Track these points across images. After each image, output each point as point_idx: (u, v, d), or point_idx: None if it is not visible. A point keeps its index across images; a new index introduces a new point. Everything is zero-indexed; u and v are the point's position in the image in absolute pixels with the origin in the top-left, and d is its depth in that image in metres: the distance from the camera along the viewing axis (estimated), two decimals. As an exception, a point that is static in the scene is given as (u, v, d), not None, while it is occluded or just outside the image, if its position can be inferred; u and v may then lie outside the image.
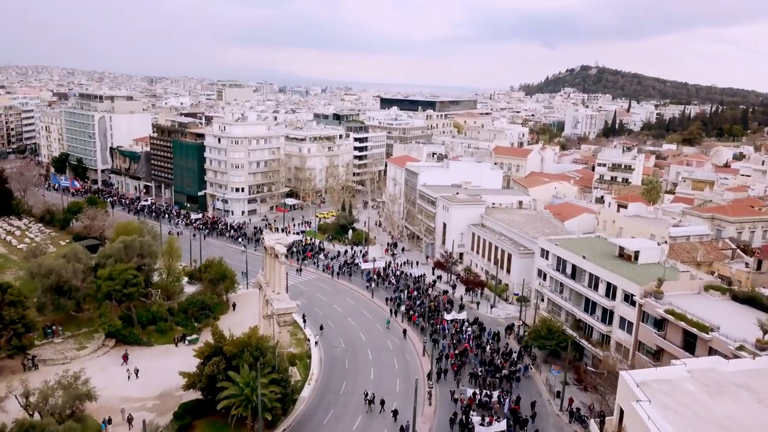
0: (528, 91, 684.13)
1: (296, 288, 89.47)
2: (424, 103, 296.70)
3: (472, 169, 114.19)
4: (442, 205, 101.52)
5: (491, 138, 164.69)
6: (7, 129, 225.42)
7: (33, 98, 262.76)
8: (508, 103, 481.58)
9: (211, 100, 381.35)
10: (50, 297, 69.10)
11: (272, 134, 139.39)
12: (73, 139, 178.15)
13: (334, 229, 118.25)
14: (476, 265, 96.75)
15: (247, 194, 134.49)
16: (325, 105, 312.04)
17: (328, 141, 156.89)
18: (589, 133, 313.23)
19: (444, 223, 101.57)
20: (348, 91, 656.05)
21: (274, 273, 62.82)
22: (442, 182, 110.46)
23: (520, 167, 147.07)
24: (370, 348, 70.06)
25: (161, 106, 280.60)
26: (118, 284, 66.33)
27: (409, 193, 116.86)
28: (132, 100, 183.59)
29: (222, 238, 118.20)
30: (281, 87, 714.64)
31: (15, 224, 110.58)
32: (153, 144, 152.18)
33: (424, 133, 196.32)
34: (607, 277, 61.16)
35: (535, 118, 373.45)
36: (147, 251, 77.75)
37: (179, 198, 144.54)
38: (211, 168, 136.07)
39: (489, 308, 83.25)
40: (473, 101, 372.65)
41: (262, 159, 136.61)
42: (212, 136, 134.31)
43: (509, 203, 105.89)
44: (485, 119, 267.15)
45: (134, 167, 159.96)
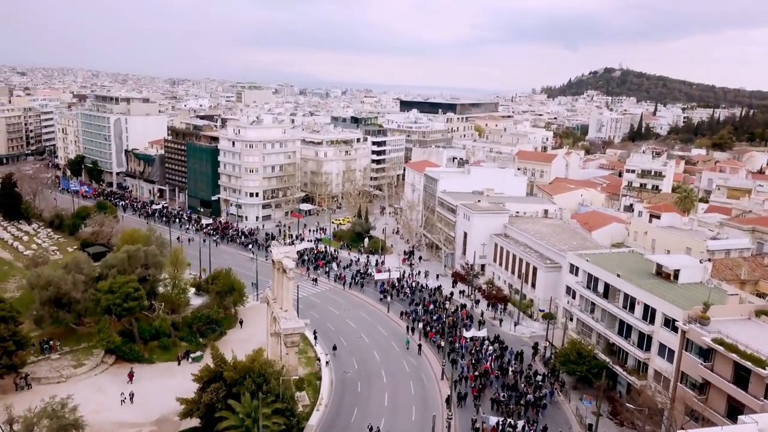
0: (550, 94, 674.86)
1: (308, 300, 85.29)
2: (445, 105, 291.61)
3: (494, 175, 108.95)
4: (463, 213, 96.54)
5: (514, 142, 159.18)
6: (26, 131, 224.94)
7: (52, 100, 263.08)
8: (529, 105, 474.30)
9: (230, 102, 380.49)
10: (48, 310, 65.65)
11: (288, 138, 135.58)
12: (89, 142, 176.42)
13: (350, 237, 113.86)
14: (498, 277, 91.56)
15: (262, 199, 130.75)
16: (343, 107, 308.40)
17: (346, 145, 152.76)
18: (614, 137, 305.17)
19: (465, 232, 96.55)
20: (368, 94, 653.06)
21: (282, 288, 58.52)
22: (462, 189, 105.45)
23: (544, 173, 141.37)
24: (384, 369, 65.36)
25: (180, 108, 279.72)
26: (118, 298, 62.56)
27: (428, 200, 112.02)
28: (148, 102, 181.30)
29: (233, 244, 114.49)
30: (302, 89, 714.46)
31: (24, 229, 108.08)
32: (167, 147, 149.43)
33: (444, 137, 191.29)
34: (644, 299, 55.70)
35: (558, 121, 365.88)
36: (152, 261, 74.03)
37: (193, 203, 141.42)
38: (224, 172, 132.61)
39: (512, 326, 78.01)
40: (495, 104, 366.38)
41: (277, 163, 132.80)
42: (226, 139, 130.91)
43: (534, 212, 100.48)
44: (507, 122, 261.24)
45: (149, 170, 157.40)
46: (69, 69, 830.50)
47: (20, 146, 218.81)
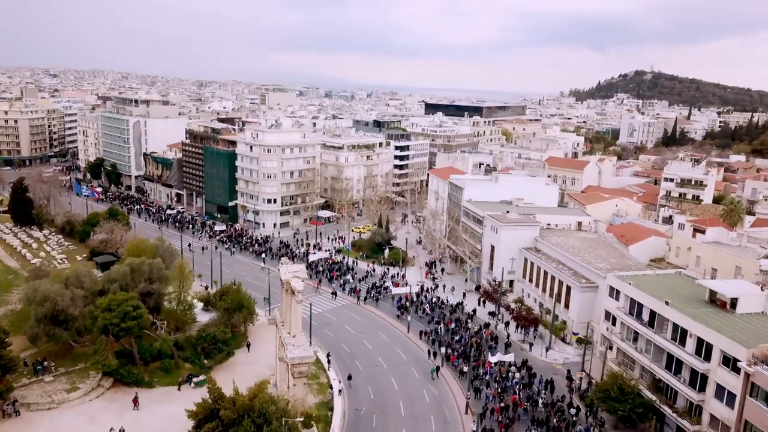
0: (578, 97, 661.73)
1: (323, 317, 79.98)
2: (471, 108, 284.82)
3: (523, 184, 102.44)
4: (490, 225, 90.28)
5: (543, 148, 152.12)
6: (49, 132, 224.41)
7: (77, 101, 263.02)
8: (557, 108, 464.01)
9: (254, 104, 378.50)
10: (44, 327, 61.30)
11: (307, 142, 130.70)
12: (108, 144, 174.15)
13: (369, 247, 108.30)
14: (528, 295, 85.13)
15: (280, 206, 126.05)
16: (367, 111, 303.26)
17: (367, 149, 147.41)
18: (647, 142, 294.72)
19: (492, 245, 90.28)
20: (393, 96, 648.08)
21: (290, 312, 53.18)
22: (489, 198, 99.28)
23: (576, 180, 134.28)
24: (403, 401, 59.54)
25: (204, 110, 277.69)
26: (116, 317, 57.88)
27: (453, 210, 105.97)
28: (168, 104, 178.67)
29: (246, 253, 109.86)
30: (327, 92, 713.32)
31: (34, 235, 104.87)
32: (185, 150, 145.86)
33: (470, 141, 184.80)
34: (698, 332, 49.00)
35: (587, 125, 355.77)
36: (156, 275, 69.45)
37: (210, 208, 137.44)
38: (242, 177, 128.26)
39: (544, 350, 71.52)
40: (522, 107, 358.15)
41: (296, 168, 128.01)
42: (244, 143, 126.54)
43: (566, 224, 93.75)
44: (535, 126, 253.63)
45: (167, 174, 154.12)
46: (100, 71, 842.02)
47: (43, 148, 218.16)
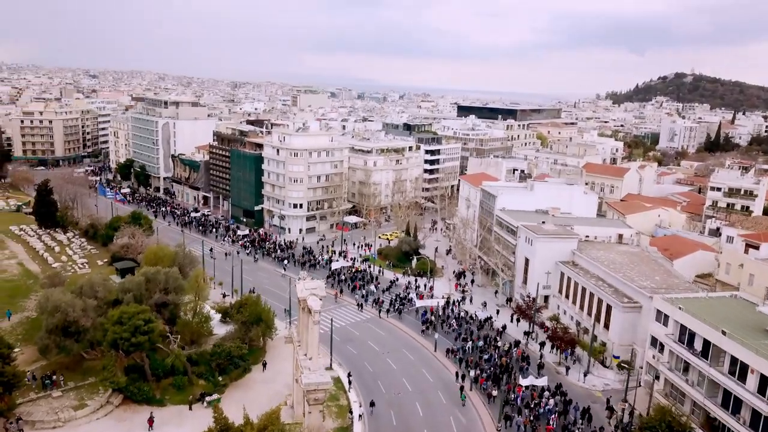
0: (615, 100, 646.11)
1: (346, 332, 76.18)
2: (504, 111, 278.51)
3: (560, 192, 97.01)
4: (525, 236, 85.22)
5: (581, 153, 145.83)
6: (83, 133, 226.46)
7: (110, 102, 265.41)
8: (594, 112, 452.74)
9: (286, 105, 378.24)
10: (55, 338, 58.82)
11: (335, 146, 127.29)
12: (138, 146, 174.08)
13: (396, 256, 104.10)
14: (564, 312, 79.86)
15: (306, 211, 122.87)
16: (398, 113, 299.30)
17: (396, 153, 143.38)
18: (688, 147, 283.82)
19: (526, 258, 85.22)
20: (425, 98, 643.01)
21: (307, 332, 49.42)
22: (524, 207, 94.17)
23: (615, 188, 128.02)
24: (428, 428, 55.20)
25: (236, 111, 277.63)
26: (126, 331, 55.00)
27: (485, 218, 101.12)
28: (197, 105, 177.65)
29: (269, 259, 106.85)
30: (360, 93, 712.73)
31: (58, 238, 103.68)
32: (212, 153, 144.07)
33: (503, 145, 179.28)
34: (763, 369, 43.52)
35: (625, 128, 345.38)
36: (173, 285, 66.50)
37: (236, 212, 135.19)
38: (268, 181, 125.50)
39: (581, 375, 66.27)
40: (557, 110, 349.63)
41: (323, 173, 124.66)
42: (271, 146, 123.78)
43: (606, 236, 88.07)
44: (570, 130, 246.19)
45: (194, 176, 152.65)
46: (138, 72, 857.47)
47: (76, 148, 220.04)
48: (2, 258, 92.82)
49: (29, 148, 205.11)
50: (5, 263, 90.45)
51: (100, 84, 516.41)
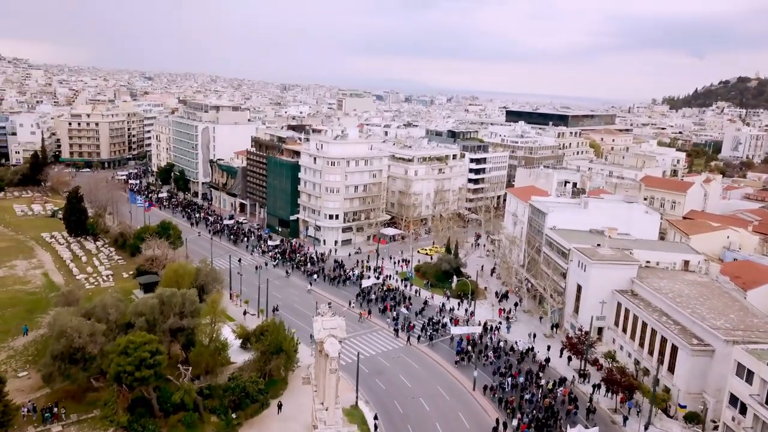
0: (673, 105, 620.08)
1: (376, 363, 69.78)
2: (555, 116, 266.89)
3: (618, 210, 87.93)
4: (578, 260, 76.92)
5: (639, 165, 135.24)
6: (129, 136, 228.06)
7: (157, 105, 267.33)
8: (650, 117, 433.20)
9: (331, 109, 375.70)
10: (60, 365, 54.57)
11: (374, 154, 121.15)
12: (178, 150, 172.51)
13: (435, 274, 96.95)
14: (621, 347, 71.31)
15: (342, 222, 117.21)
16: (444, 117, 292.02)
17: (439, 162, 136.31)
18: (753, 157, 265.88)
19: (578, 284, 76.91)
20: (473, 101, 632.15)
21: (324, 378, 43.19)
22: (577, 226, 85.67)
23: (677, 204, 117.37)
24: (462, 490, 48.23)
25: (281, 114, 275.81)
26: (131, 364, 50.07)
27: (533, 237, 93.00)
28: (238, 110, 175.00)
29: (299, 272, 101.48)
30: (407, 96, 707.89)
31: (87, 247, 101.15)
32: (249, 159, 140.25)
33: (554, 154, 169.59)
34: None
35: (684, 135, 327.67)
36: (189, 309, 61.58)
37: (271, 221, 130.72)
38: (304, 190, 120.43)
39: (641, 427, 57.76)
40: (611, 115, 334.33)
41: (361, 183, 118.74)
42: (308, 154, 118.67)
43: (670, 263, 78.78)
44: (625, 137, 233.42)
45: (231, 183, 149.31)
46: (191, 74, 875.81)
47: (122, 151, 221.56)
48: (28, 268, 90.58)
49: (76, 150, 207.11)
50: (30, 273, 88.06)
51: (152, 86, 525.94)
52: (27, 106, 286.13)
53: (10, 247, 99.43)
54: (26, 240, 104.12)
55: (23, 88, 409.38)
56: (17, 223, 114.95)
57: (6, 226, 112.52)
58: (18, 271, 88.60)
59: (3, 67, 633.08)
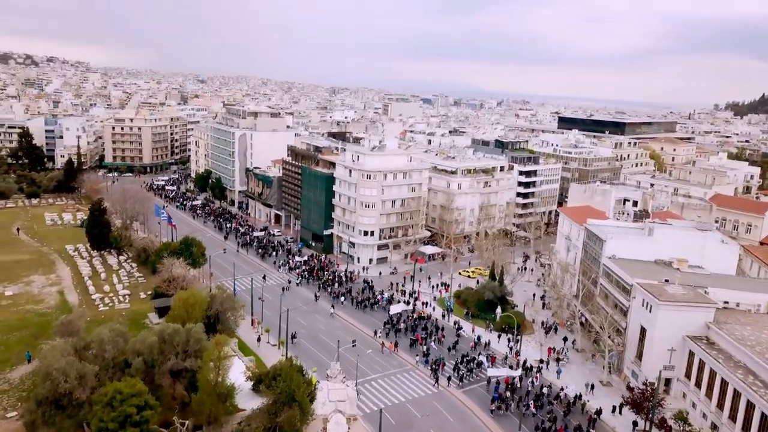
0: (737, 111, 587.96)
1: (403, 411, 61.30)
2: (610, 123, 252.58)
3: (689, 239, 76.79)
4: (642, 298, 66.55)
5: (708, 181, 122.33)
6: (171, 140, 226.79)
7: (201, 109, 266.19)
8: (712, 124, 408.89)
9: (377, 114, 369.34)
10: (44, 411, 48.46)
11: (414, 167, 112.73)
12: (216, 156, 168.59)
13: (476, 303, 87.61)
14: (693, 405, 60.63)
15: (377, 239, 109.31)
16: (493, 124, 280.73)
17: (485, 174, 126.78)
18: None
19: (642, 326, 66.54)
20: (524, 106, 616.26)
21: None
22: (640, 255, 75.33)
23: (753, 228, 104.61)
24: None
25: (326, 119, 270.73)
26: (115, 421, 43.34)
27: (589, 265, 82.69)
28: (277, 116, 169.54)
29: (327, 293, 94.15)
30: (456, 99, 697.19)
31: (109, 261, 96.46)
32: (285, 169, 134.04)
33: (611, 166, 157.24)
34: None
35: (751, 145, 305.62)
36: (193, 348, 54.69)
37: (305, 234, 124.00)
38: (339, 204, 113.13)
39: None
40: (671, 122, 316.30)
41: (399, 197, 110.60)
42: (343, 166, 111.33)
43: (753, 304, 67.40)
44: (687, 147, 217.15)
45: (266, 192, 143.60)
46: (243, 77, 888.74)
47: (164, 155, 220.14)
48: (45, 284, 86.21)
49: (119, 155, 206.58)
50: (45, 291, 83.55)
51: (202, 89, 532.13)
52: (81, 109, 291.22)
53: (32, 260, 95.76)
54: (49, 252, 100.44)
55: (80, 91, 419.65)
56: (44, 233, 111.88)
57: (33, 236, 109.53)
58: (33, 288, 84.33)
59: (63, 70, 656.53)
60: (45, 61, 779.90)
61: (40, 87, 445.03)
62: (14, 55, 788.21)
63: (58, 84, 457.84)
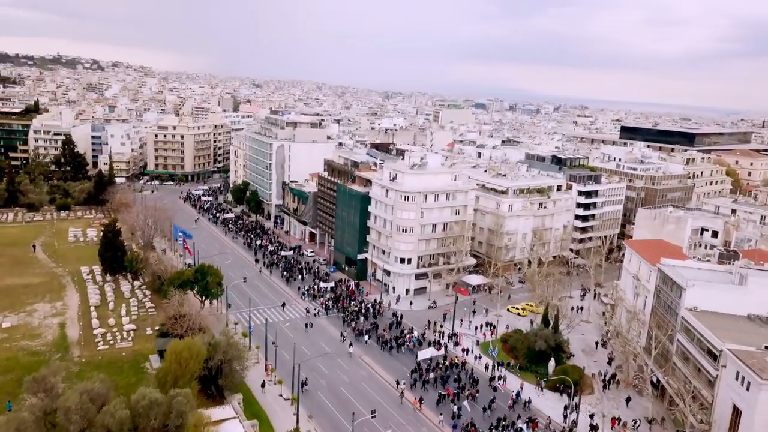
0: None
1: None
2: (677, 134, 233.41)
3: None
4: (735, 370, 53.00)
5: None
6: (214, 148, 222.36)
7: (246, 116, 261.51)
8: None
9: (428, 120, 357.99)
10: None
11: (458, 187, 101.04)
12: (253, 168, 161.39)
13: (526, 352, 75.15)
14: None
15: (415, 267, 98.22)
16: (549, 134, 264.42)
17: (540, 194, 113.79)
18: None
19: (736, 406, 52.93)
20: (582, 112, 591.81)
21: None
22: (729, 308, 61.52)
23: None
24: None
25: (374, 126, 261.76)
26: None
27: (663, 315, 69.11)
28: (317, 127, 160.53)
29: (349, 328, 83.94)
30: (511, 105, 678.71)
31: (122, 288, 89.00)
32: (320, 184, 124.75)
33: (682, 185, 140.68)
34: None
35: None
36: (174, 423, 45.10)
37: (338, 257, 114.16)
38: (374, 227, 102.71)
39: None
40: (744, 133, 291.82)
41: (441, 221, 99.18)
42: (379, 185, 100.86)
43: None
44: (766, 160, 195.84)
45: (302, 209, 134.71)
46: (299, 81, 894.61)
47: (206, 164, 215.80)
48: (48, 314, 79.15)
49: (161, 163, 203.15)
50: (46, 323, 76.37)
51: (255, 94, 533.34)
52: (135, 114, 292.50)
53: (42, 284, 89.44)
54: (62, 275, 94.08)
55: (137, 96, 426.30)
56: (63, 251, 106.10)
57: (51, 255, 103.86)
58: (35, 318, 77.38)
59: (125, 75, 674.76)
60: (110, 66, 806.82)
61: (100, 91, 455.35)
62: (82, 60, 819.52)
63: (117, 89, 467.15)
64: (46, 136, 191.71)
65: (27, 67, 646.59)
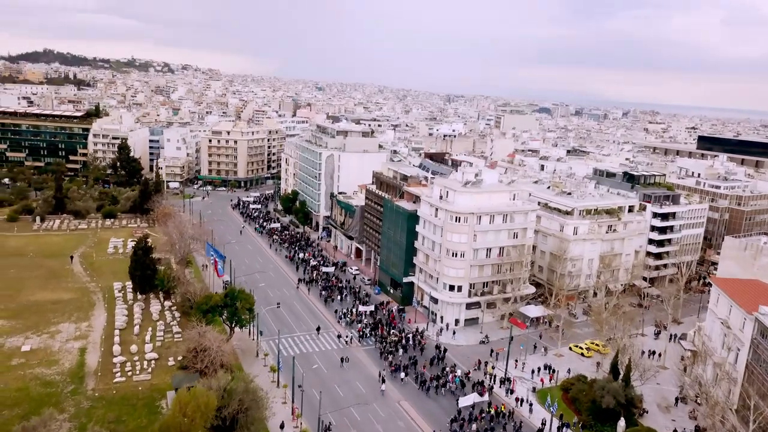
0: None
1: None
2: (763, 145, 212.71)
3: None
4: None
5: None
6: (268, 154, 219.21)
7: (302, 121, 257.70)
8: None
9: (489, 125, 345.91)
10: None
11: (518, 208, 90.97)
12: (302, 177, 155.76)
13: (590, 407, 64.68)
14: None
15: (466, 296, 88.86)
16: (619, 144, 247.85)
17: (609, 216, 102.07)
18: None
19: None
20: (653, 118, 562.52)
21: None
22: None
23: None
24: None
25: (432, 132, 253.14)
26: None
27: (762, 375, 57.40)
28: (369, 136, 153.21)
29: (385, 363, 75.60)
30: (578, 109, 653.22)
31: (151, 309, 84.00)
32: (368, 198, 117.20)
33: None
34: None
35: None
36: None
37: (383, 278, 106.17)
38: (422, 249, 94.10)
39: None
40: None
41: (497, 245, 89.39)
42: (428, 204, 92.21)
43: None
44: None
45: (348, 222, 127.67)
46: (361, 84, 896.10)
47: (260, 169, 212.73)
48: (71, 336, 74.75)
49: (214, 168, 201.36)
50: (67, 347, 71.85)
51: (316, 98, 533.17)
52: (197, 117, 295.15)
53: (71, 300, 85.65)
54: (94, 290, 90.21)
55: (202, 98, 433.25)
56: (100, 264, 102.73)
57: (87, 267, 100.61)
58: (56, 341, 73.05)
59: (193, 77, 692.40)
60: (180, 69, 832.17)
61: (167, 94, 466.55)
62: (154, 63, 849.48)
63: (183, 91, 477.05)
64: (105, 140, 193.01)
65: (102, 70, 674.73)
